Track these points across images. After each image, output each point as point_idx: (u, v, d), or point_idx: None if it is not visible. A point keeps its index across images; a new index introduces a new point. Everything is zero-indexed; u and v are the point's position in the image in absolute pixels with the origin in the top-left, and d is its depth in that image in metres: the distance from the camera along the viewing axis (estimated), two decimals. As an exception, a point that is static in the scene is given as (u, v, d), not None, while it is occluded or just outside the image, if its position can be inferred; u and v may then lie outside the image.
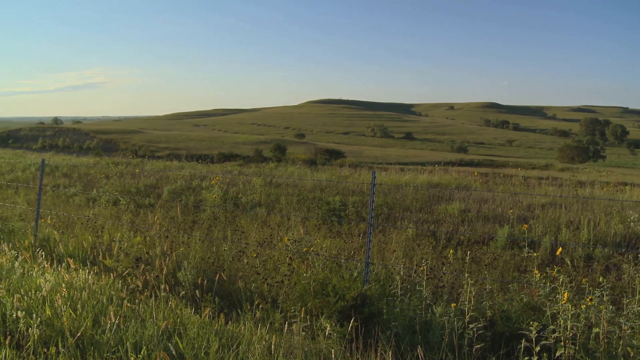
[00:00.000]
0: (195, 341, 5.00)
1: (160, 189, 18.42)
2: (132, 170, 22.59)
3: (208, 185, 17.84)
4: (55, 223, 10.63)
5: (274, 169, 27.40)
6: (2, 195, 17.93)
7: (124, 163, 28.23)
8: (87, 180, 21.62)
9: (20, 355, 4.74)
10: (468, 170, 34.59)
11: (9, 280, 6.40)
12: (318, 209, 13.81)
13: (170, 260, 7.50)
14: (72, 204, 16.17)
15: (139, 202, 15.21)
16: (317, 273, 6.67)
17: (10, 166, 26.60)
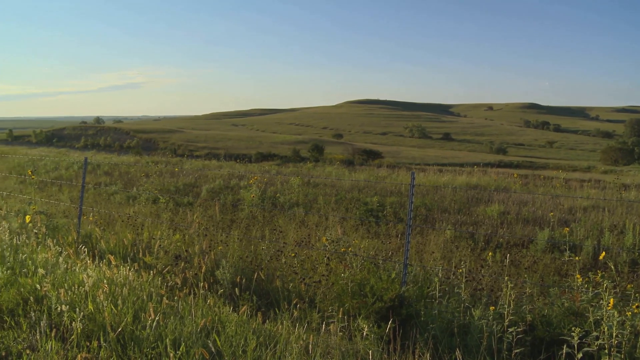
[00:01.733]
0: (233, 339, 5.03)
1: (199, 187, 18.59)
2: (171, 169, 22.86)
3: (246, 185, 17.95)
4: (97, 220, 10.82)
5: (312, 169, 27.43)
6: (47, 192, 18.33)
7: (163, 162, 28.59)
8: (128, 178, 21.95)
9: (64, 347, 4.84)
10: (507, 171, 34.15)
11: (54, 275, 6.55)
12: (356, 209, 13.79)
13: (208, 258, 7.56)
14: (112, 201, 16.45)
15: (178, 201, 15.39)
16: (355, 274, 6.65)
17: (54, 164, 27.15)
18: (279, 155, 66.56)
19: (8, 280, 6.54)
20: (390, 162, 54.07)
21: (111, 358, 4.70)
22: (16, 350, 4.82)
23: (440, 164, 57.90)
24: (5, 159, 29.19)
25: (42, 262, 7.28)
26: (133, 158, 34.15)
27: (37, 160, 28.56)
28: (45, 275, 6.55)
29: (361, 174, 24.70)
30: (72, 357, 4.66)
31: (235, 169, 23.73)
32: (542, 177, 26.09)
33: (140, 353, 4.76)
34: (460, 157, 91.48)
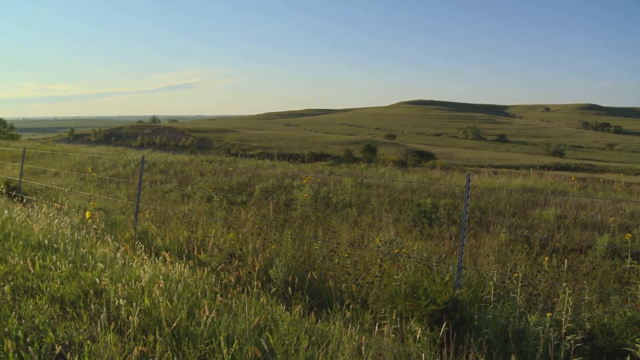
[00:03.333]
0: (285, 338, 5.06)
1: (253, 187, 18.75)
2: (225, 168, 23.12)
3: (299, 185, 18.01)
4: (153, 217, 11.05)
5: (365, 170, 27.34)
6: (105, 189, 18.80)
7: (217, 161, 28.94)
8: (182, 177, 22.30)
9: (122, 339, 4.96)
10: (564, 174, 33.34)
11: (112, 270, 6.72)
12: (409, 210, 13.69)
13: (262, 257, 7.63)
14: (168, 199, 16.74)
15: (231, 200, 15.57)
16: (408, 275, 6.61)
17: (112, 162, 27.79)
18: (332, 156, 66.69)
19: (70, 273, 6.75)
20: (444, 163, 53.53)
21: (166, 352, 4.78)
22: (78, 340, 4.97)
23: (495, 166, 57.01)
24: (67, 156, 30.06)
25: (101, 256, 7.48)
26: (188, 157, 34.65)
27: (96, 158, 29.31)
28: (104, 269, 6.73)
29: (414, 175, 24.49)
30: (129, 350, 4.76)
31: (288, 169, 23.84)
32: (602, 180, 25.33)
33: (194, 349, 4.83)
34: (516, 159, 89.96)
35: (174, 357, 4.76)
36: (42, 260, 7.24)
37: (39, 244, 8.29)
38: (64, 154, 30.51)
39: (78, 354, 4.70)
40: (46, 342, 4.92)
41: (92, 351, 4.67)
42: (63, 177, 22.78)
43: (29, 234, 8.81)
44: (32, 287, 6.44)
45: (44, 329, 5.17)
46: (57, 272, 6.79)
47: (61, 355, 4.71)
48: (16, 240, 8.46)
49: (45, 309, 5.73)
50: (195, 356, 4.73)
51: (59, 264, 7.02)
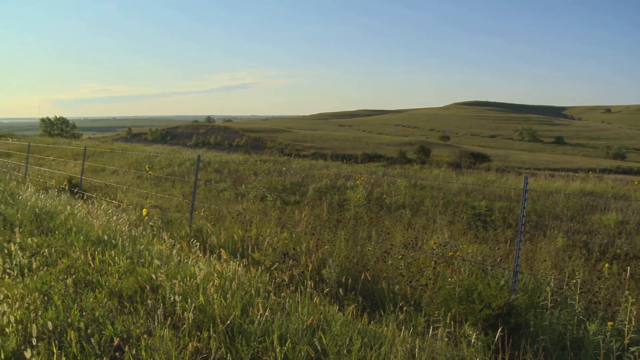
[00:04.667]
0: (338, 338, 5.05)
1: (306, 187, 18.80)
2: (279, 168, 23.27)
3: (352, 185, 17.99)
4: (208, 215, 11.20)
5: (419, 171, 27.11)
6: (161, 187, 19.17)
7: (271, 161, 29.15)
8: (237, 176, 22.53)
9: (177, 335, 5.04)
10: (626, 178, 32.32)
11: (168, 266, 6.84)
12: (463, 213, 13.51)
13: (315, 257, 7.64)
14: (222, 198, 16.94)
15: (285, 199, 15.65)
16: (463, 279, 6.52)
17: (168, 161, 28.28)
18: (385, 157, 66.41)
19: (127, 269, 6.91)
20: (499, 165, 52.64)
21: (220, 349, 4.83)
22: (135, 334, 5.08)
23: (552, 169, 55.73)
24: (125, 155, 30.75)
25: (157, 253, 7.62)
26: (242, 156, 35.00)
27: (153, 156, 29.88)
28: (160, 266, 6.86)
29: (468, 177, 24.16)
30: (184, 345, 4.84)
31: (342, 169, 23.83)
32: (667, 185, 24.46)
33: (247, 346, 4.87)
34: (574, 162, 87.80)
35: (228, 354, 4.80)
36: (101, 255, 7.45)
37: (98, 239, 8.52)
38: (122, 153, 31.23)
39: (135, 347, 4.80)
40: (105, 334, 5.05)
41: (148, 345, 4.76)
42: (121, 175, 23.32)
43: (89, 230, 9.06)
44: (92, 280, 6.63)
45: (103, 322, 5.31)
46: (115, 267, 6.97)
47: (119, 347, 4.82)
48: (77, 236, 8.73)
49: (105, 302, 5.88)
50: (249, 354, 4.76)
51: (117, 259, 7.20)
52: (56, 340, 4.84)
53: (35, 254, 7.76)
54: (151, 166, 25.87)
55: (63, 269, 6.98)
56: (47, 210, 10.77)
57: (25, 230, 9.16)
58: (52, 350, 4.63)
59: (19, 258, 7.15)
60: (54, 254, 7.67)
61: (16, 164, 23.84)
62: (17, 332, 4.98)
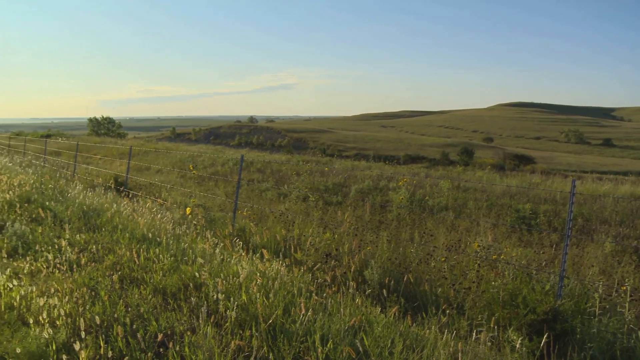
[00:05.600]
0: (380, 340, 5.02)
1: (348, 187, 18.79)
2: (321, 169, 23.30)
3: (395, 187, 17.91)
4: (250, 215, 11.27)
5: (462, 173, 26.85)
6: (204, 186, 19.39)
7: (313, 161, 29.21)
8: (279, 176, 22.64)
9: (219, 333, 5.08)
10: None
11: (211, 265, 6.90)
12: (507, 216, 13.32)
13: (358, 258, 7.62)
14: (264, 198, 17.04)
15: (327, 200, 15.67)
16: (507, 282, 6.42)
17: (211, 161, 28.58)
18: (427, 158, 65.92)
19: (171, 267, 7.01)
20: (544, 168, 51.72)
21: (262, 348, 4.85)
22: (179, 331, 5.15)
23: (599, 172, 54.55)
24: (169, 154, 31.20)
25: (201, 251, 7.70)
26: (284, 156, 35.17)
27: (196, 156, 30.24)
28: (203, 264, 6.93)
29: (513, 179, 23.81)
30: (227, 343, 4.87)
31: (384, 171, 23.75)
32: None
33: (289, 346, 4.88)
34: (623, 165, 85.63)
35: (270, 353, 4.82)
36: (146, 252, 7.56)
37: (143, 237, 8.66)
38: (166, 152, 31.69)
39: (179, 343, 4.86)
40: (150, 330, 5.13)
41: (192, 342, 4.81)
42: (165, 173, 23.67)
43: (134, 227, 9.22)
44: (137, 277, 6.74)
45: (148, 318, 5.39)
46: (159, 265, 7.07)
47: (163, 343, 4.89)
48: (123, 233, 8.90)
49: (149, 298, 5.98)
50: (290, 353, 4.77)
51: (161, 257, 7.30)
52: (103, 335, 4.95)
53: (83, 250, 7.95)
54: (195, 165, 26.20)
55: (109, 265, 7.13)
56: (94, 208, 11.00)
57: (74, 226, 9.39)
58: (99, 344, 4.72)
59: (68, 254, 7.34)
60: (100, 251, 7.83)
61: (65, 163, 24.41)
62: (67, 325, 5.12)
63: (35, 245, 7.97)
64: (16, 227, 8.79)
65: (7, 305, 5.80)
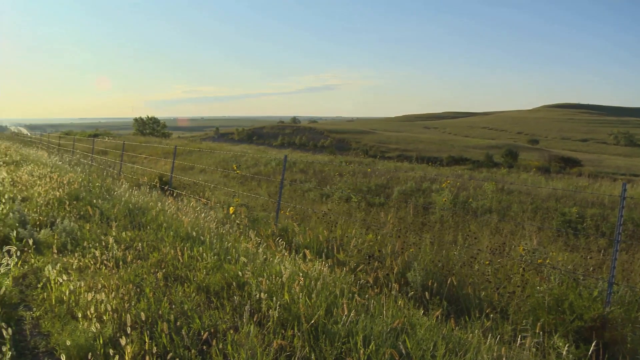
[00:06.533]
0: (422, 343, 4.98)
1: (390, 189, 18.70)
2: (364, 170, 23.24)
3: (438, 188, 17.76)
4: (293, 215, 11.31)
5: (506, 175, 26.47)
6: (247, 186, 19.55)
7: (355, 162, 29.17)
8: (322, 176, 22.66)
9: (262, 332, 5.11)
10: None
11: (254, 264, 6.95)
12: (552, 219, 13.08)
13: (401, 259, 7.57)
14: (307, 198, 17.09)
15: (369, 201, 15.62)
16: (553, 287, 6.29)
17: (254, 161, 28.80)
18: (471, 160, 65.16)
19: (214, 265, 7.08)
20: (591, 171, 50.57)
21: (304, 348, 4.86)
22: (222, 329, 5.21)
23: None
24: (212, 154, 31.54)
25: (244, 251, 7.75)
26: (327, 157, 35.19)
27: (239, 156, 30.50)
28: (246, 263, 6.97)
29: (558, 182, 23.37)
30: (269, 342, 4.89)
31: (427, 172, 23.57)
32: None
33: (331, 346, 4.87)
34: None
35: (312, 354, 4.82)
36: (190, 251, 7.66)
37: (187, 235, 8.77)
38: (209, 152, 32.03)
39: (222, 341, 4.90)
40: (193, 327, 5.19)
41: (234, 340, 4.85)
42: (209, 173, 23.94)
43: (178, 226, 9.34)
44: (181, 275, 6.83)
45: (191, 315, 5.46)
46: (203, 263, 7.15)
47: (206, 341, 4.94)
48: (167, 231, 9.03)
49: (193, 296, 6.06)
50: (332, 354, 4.77)
51: (205, 255, 7.38)
52: (148, 331, 5.03)
53: (129, 247, 8.10)
54: (238, 165, 26.43)
55: (154, 263, 7.25)
56: (139, 206, 11.20)
57: (120, 224, 9.57)
58: (144, 340, 4.80)
59: (114, 250, 7.49)
60: (145, 248, 7.96)
61: (112, 161, 24.92)
62: (113, 321, 5.23)
63: (83, 242, 8.17)
64: (65, 224, 9.02)
65: (57, 299, 5.97)
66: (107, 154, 30.09)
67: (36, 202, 11.21)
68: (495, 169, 37.00)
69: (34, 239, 8.30)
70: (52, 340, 5.09)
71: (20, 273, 7.00)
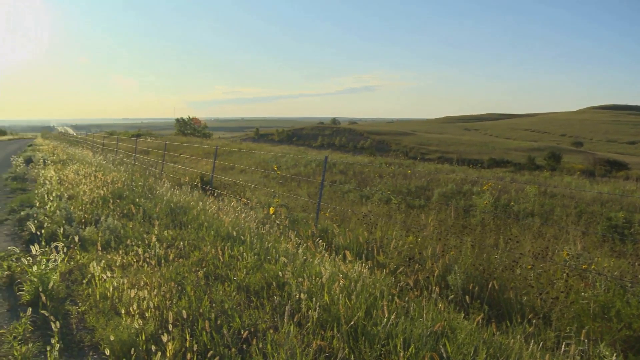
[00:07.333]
0: (463, 347, 4.92)
1: (431, 191, 18.58)
2: (404, 171, 23.12)
3: (479, 191, 17.56)
4: (333, 216, 11.31)
5: (548, 178, 26.02)
6: (287, 187, 19.61)
7: (395, 164, 29.03)
8: (361, 178, 22.61)
9: (301, 332, 5.12)
10: None
11: (294, 265, 6.96)
12: (598, 224, 12.80)
13: (441, 262, 7.50)
14: (346, 199, 17.06)
15: (409, 203, 15.53)
16: (598, 294, 6.15)
17: (294, 161, 28.89)
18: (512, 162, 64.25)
19: (255, 265, 7.13)
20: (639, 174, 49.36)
21: (344, 349, 4.85)
22: (262, 328, 5.24)
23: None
24: (252, 154, 31.76)
25: (284, 251, 7.78)
26: (367, 158, 35.09)
27: (279, 157, 30.64)
28: (286, 264, 7.00)
29: (604, 186, 22.86)
30: (308, 342, 4.90)
31: (468, 174, 23.32)
32: None
33: (370, 348, 4.85)
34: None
35: (351, 355, 4.81)
36: (230, 250, 7.73)
37: (227, 235, 8.85)
38: (249, 152, 32.25)
39: (262, 341, 4.93)
40: (233, 326, 5.24)
41: (274, 340, 4.87)
42: (249, 173, 24.10)
43: (219, 225, 9.43)
44: (221, 274, 6.89)
45: (231, 314, 5.51)
46: (243, 263, 7.20)
47: (246, 340, 4.98)
48: (208, 230, 9.12)
49: (233, 295, 6.10)
50: (372, 356, 4.74)
51: (245, 255, 7.44)
52: (189, 328, 5.10)
53: (170, 245, 8.22)
54: (278, 166, 26.54)
55: (195, 262, 7.33)
56: (181, 205, 11.34)
57: (162, 223, 9.71)
58: (185, 337, 4.86)
59: (156, 249, 7.60)
60: (187, 247, 8.06)
61: (154, 161, 25.28)
62: (155, 317, 5.32)
63: (126, 240, 8.32)
64: (109, 222, 9.20)
65: (101, 295, 6.10)
66: (149, 154, 30.57)
67: (81, 200, 11.47)
68: (537, 172, 36.42)
69: (79, 236, 8.51)
70: (97, 335, 5.20)
71: (67, 269, 7.18)
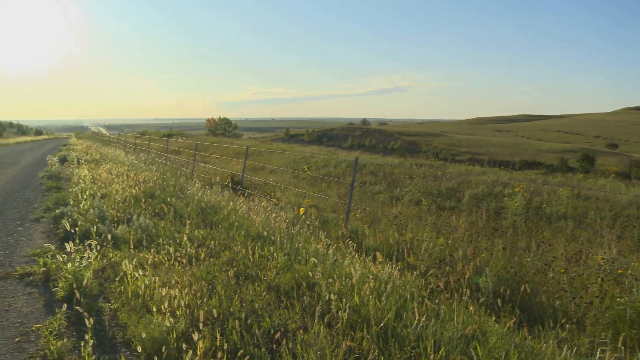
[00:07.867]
0: (494, 350, 4.87)
1: (461, 192, 18.43)
2: (434, 173, 22.99)
3: (510, 193, 17.38)
4: (363, 217, 11.29)
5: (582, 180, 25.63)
6: (317, 187, 19.63)
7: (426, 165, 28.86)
8: (391, 179, 22.54)
9: (331, 333, 5.12)
10: None
11: (324, 265, 6.96)
12: (634, 228, 12.57)
13: (472, 265, 7.44)
14: (376, 200, 17.03)
15: (440, 204, 15.42)
16: (635, 300, 6.02)
17: (324, 162, 28.90)
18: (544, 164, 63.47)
19: (285, 265, 7.14)
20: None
21: (373, 351, 4.83)
22: (292, 328, 5.24)
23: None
24: (282, 155, 31.87)
25: (314, 252, 7.78)
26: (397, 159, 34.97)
27: (309, 157, 30.68)
28: (317, 264, 7.00)
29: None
30: (338, 343, 4.89)
31: (499, 176, 23.10)
32: None
33: (400, 350, 4.83)
34: None
35: (381, 356, 4.79)
36: (260, 250, 7.76)
37: (258, 235, 8.89)
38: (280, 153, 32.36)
39: (292, 341, 4.94)
40: (263, 326, 5.25)
41: (304, 340, 4.87)
42: (279, 174, 24.18)
43: (249, 225, 9.48)
44: (251, 274, 6.92)
45: (262, 314, 5.53)
46: (273, 263, 7.23)
47: (276, 340, 4.99)
48: (239, 230, 9.18)
49: (263, 295, 6.12)
50: (402, 358, 4.72)
51: (275, 255, 7.47)
52: (219, 327, 5.13)
53: (201, 245, 8.28)
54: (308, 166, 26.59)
55: (225, 261, 7.38)
56: (211, 205, 11.42)
57: (193, 222, 9.79)
58: (215, 336, 4.89)
59: (187, 248, 7.68)
60: (217, 246, 8.12)
61: (185, 161, 25.52)
62: (186, 316, 5.37)
63: (158, 239, 8.42)
64: (141, 221, 9.32)
65: (133, 292, 6.18)
66: (180, 154, 30.85)
67: (114, 199, 11.64)
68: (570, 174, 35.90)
69: (112, 234, 8.64)
70: (129, 332, 5.26)
71: (100, 266, 7.29)
